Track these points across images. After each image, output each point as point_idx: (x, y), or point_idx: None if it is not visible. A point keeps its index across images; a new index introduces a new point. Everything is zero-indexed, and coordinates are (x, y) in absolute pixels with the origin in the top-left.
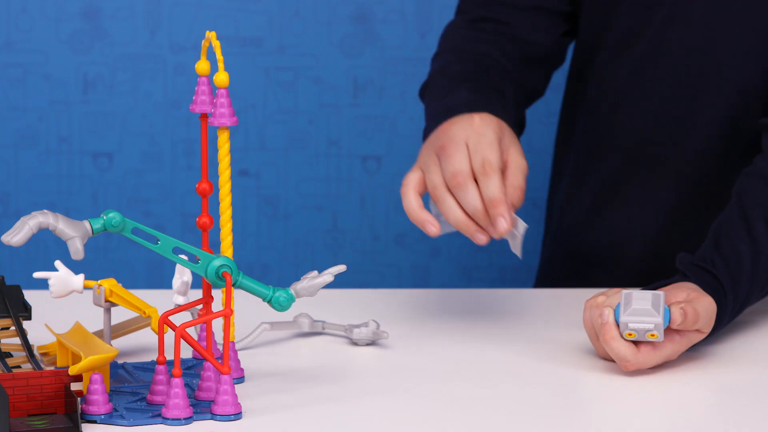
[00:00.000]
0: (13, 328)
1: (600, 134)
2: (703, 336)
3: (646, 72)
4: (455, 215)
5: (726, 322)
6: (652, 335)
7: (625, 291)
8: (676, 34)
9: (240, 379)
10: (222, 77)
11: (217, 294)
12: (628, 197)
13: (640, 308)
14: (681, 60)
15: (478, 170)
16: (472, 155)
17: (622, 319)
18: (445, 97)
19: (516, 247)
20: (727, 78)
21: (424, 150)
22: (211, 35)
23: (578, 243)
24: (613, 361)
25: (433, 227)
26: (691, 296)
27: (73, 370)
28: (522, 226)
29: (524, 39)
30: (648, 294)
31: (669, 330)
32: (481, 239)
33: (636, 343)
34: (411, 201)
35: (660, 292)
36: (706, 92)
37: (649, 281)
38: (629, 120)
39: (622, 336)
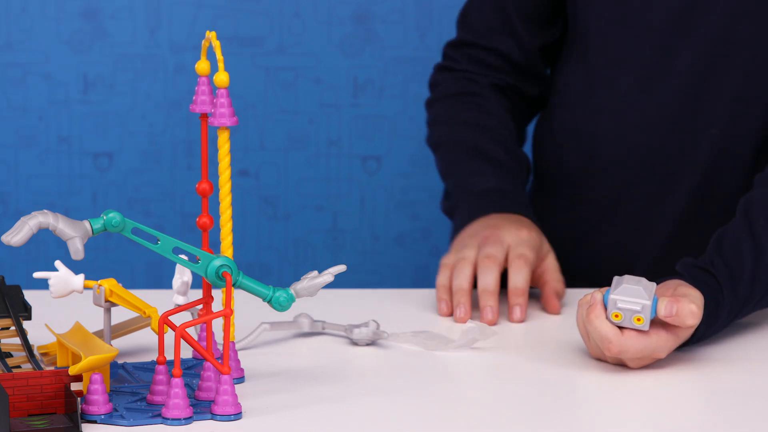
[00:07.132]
0: (13, 328)
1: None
2: (692, 329)
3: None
4: (462, 282)
5: (723, 322)
6: (638, 319)
7: (617, 276)
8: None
9: (240, 379)
10: (222, 77)
11: (217, 294)
12: (628, 214)
13: (631, 289)
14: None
15: (512, 258)
16: (511, 249)
17: (611, 296)
18: (483, 182)
19: (462, 343)
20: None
21: (468, 239)
22: (211, 35)
23: (566, 261)
24: (606, 362)
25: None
26: (679, 290)
27: (73, 370)
28: (480, 332)
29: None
30: (641, 280)
31: (655, 324)
32: (461, 317)
33: (621, 329)
34: (443, 280)
35: (651, 282)
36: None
37: None
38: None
39: (608, 318)
